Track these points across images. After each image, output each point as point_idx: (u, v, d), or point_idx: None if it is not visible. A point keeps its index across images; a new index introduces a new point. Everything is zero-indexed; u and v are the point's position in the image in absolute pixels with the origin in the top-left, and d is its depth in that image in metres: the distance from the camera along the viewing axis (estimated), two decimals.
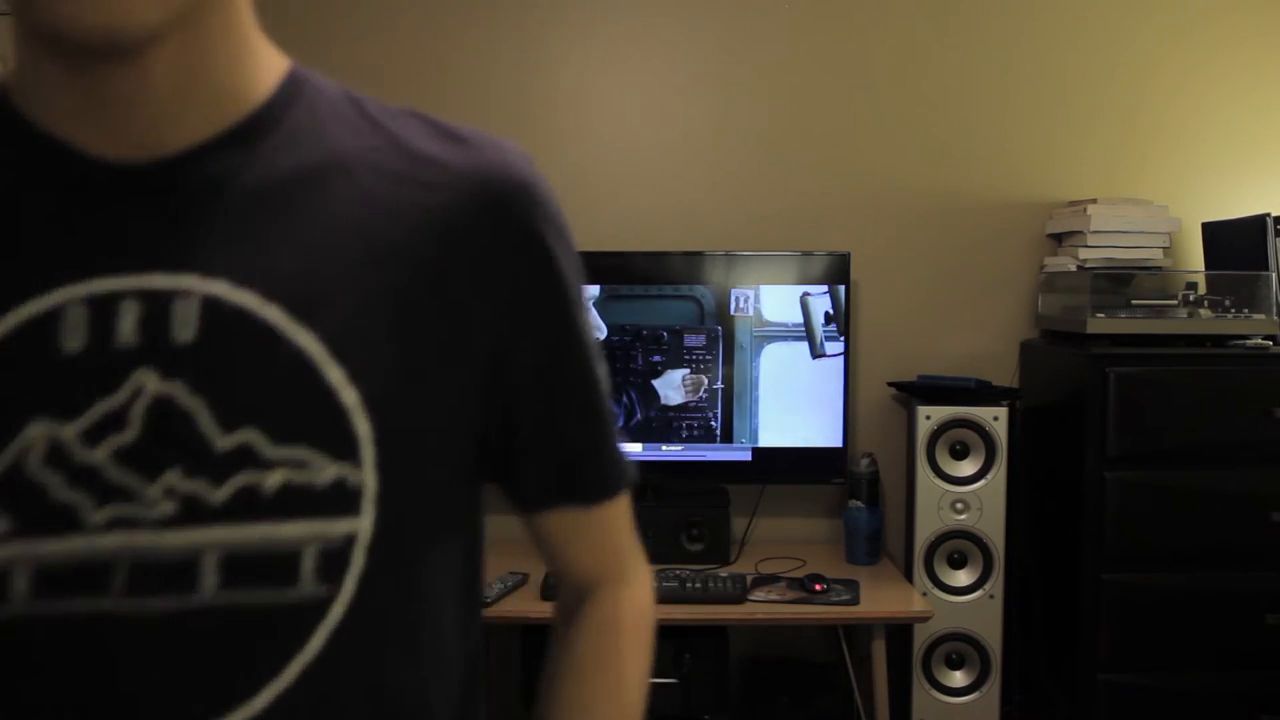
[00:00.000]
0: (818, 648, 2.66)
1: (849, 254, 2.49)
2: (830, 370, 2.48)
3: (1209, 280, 2.43)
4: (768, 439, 2.48)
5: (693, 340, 2.48)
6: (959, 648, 2.36)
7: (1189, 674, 2.27)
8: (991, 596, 2.35)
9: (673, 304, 2.48)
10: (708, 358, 2.48)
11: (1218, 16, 2.63)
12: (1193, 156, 2.66)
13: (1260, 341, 2.30)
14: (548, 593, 2.15)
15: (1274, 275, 2.34)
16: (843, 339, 2.47)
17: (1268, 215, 2.36)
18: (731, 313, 2.47)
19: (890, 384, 2.56)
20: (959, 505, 2.34)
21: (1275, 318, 2.34)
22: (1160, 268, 2.47)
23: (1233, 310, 2.35)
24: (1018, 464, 2.52)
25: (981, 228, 2.64)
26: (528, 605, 2.13)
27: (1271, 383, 2.25)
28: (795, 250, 2.56)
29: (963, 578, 2.36)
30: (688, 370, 2.48)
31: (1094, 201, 2.47)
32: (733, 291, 2.47)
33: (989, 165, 2.63)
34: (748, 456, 2.49)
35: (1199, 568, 2.26)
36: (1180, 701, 2.27)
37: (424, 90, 2.59)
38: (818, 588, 2.17)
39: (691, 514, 2.41)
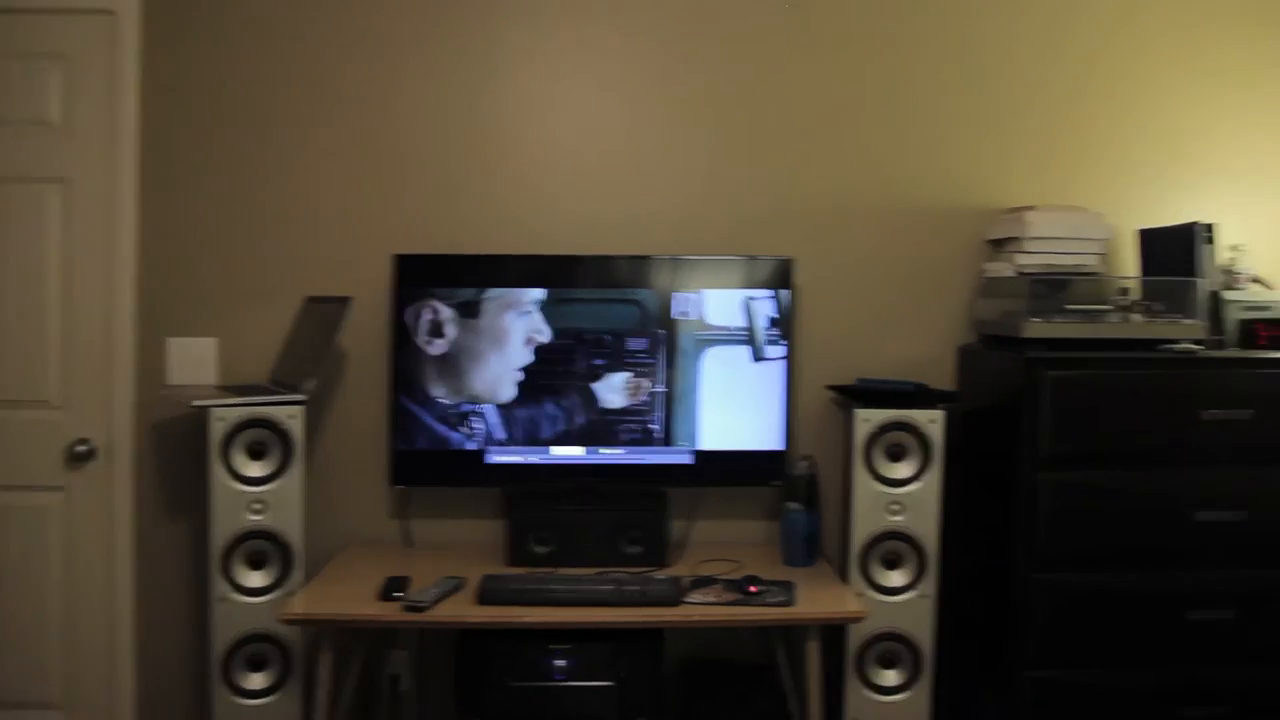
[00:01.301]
0: (755, 649, 2.66)
1: (793, 259, 2.50)
2: (772, 374, 2.49)
3: (1141, 285, 2.47)
4: (708, 442, 2.49)
5: (635, 344, 2.48)
6: (892, 647, 2.37)
7: (1114, 670, 2.30)
8: (925, 596, 2.36)
9: (617, 308, 2.48)
10: (650, 361, 2.48)
11: (1150, 31, 2.68)
12: (1128, 165, 2.70)
13: (1189, 345, 2.34)
14: (486, 597, 2.14)
15: (1202, 281, 2.38)
16: (785, 343, 2.49)
17: (1195, 224, 2.41)
18: (675, 316, 2.48)
19: (830, 387, 2.58)
20: (895, 507, 2.35)
21: (1203, 322, 2.38)
22: (1095, 273, 2.50)
23: (1163, 315, 2.39)
24: (955, 466, 2.54)
25: (923, 234, 2.66)
26: (465, 610, 2.11)
27: (1199, 386, 2.28)
28: (739, 255, 2.57)
29: (898, 578, 2.37)
30: (630, 373, 2.48)
31: (1032, 208, 2.50)
32: (677, 295, 2.48)
33: (930, 173, 2.66)
34: (688, 459, 2.49)
35: (1127, 566, 2.30)
36: (1105, 697, 2.30)
37: (378, 97, 2.58)
38: (752, 589, 2.17)
39: (630, 517, 2.41)
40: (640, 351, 2.49)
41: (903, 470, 2.37)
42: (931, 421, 2.36)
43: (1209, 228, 2.41)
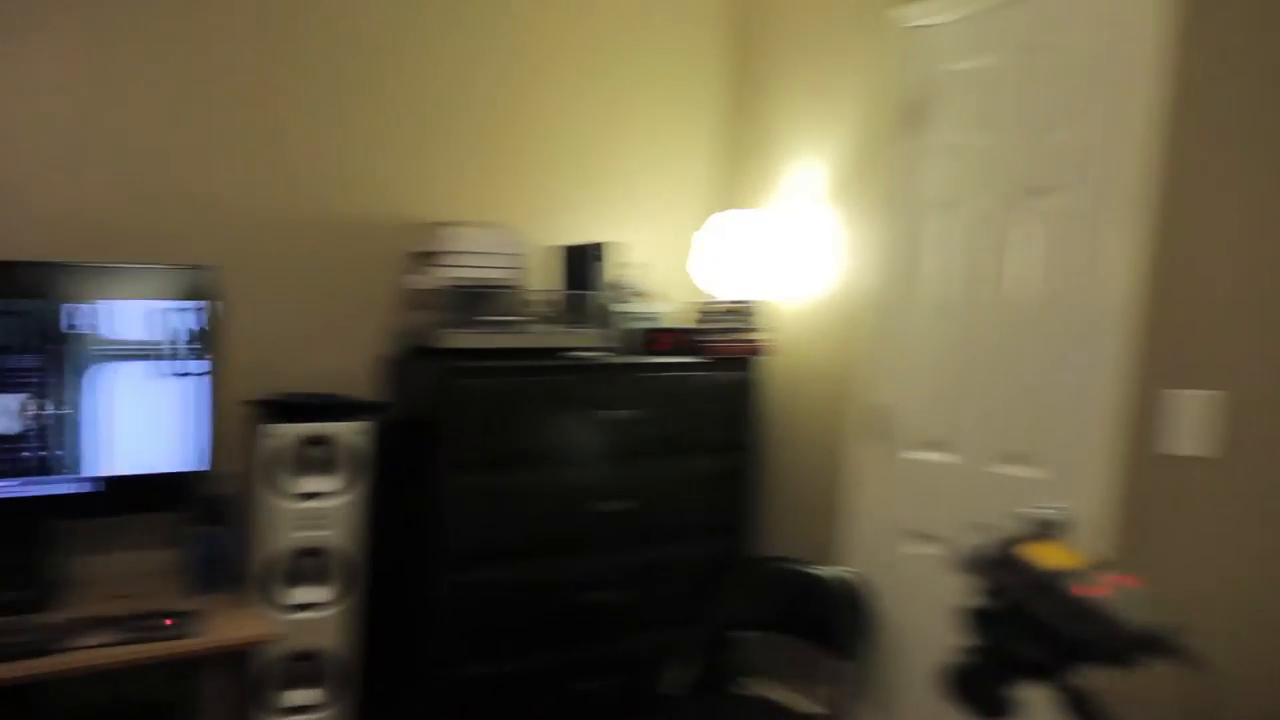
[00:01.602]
0: (166, 686, 2.49)
1: (217, 269, 2.39)
2: (192, 390, 2.36)
3: (550, 297, 2.71)
4: (119, 467, 2.30)
5: (26, 361, 2.21)
6: (311, 667, 2.36)
7: (525, 657, 2.53)
8: (344, 611, 2.39)
9: (5, 320, 2.19)
10: (45, 380, 2.23)
11: (565, 60, 2.95)
12: (554, 186, 2.95)
13: (587, 353, 2.62)
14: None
15: (592, 295, 2.67)
16: (208, 357, 2.37)
17: (588, 244, 2.70)
18: (79, 330, 2.24)
19: (248, 402, 2.50)
20: (315, 522, 2.35)
21: (606, 331, 2.68)
22: (510, 286, 2.69)
23: (568, 325, 2.65)
24: (380, 477, 2.60)
25: (352, 245, 2.68)
26: None
27: (597, 389, 2.56)
28: (159, 263, 2.39)
29: (317, 595, 2.37)
30: (19, 395, 2.21)
31: (453, 224, 2.63)
32: (81, 307, 2.25)
33: (358, 185, 2.69)
34: (91, 488, 2.28)
35: (537, 559, 2.52)
36: (517, 684, 2.52)
37: None
38: (148, 624, 2.05)
39: (11, 558, 2.14)
40: (33, 369, 2.22)
41: (325, 484, 2.37)
42: (352, 433, 2.39)
43: (599, 247, 2.72)
